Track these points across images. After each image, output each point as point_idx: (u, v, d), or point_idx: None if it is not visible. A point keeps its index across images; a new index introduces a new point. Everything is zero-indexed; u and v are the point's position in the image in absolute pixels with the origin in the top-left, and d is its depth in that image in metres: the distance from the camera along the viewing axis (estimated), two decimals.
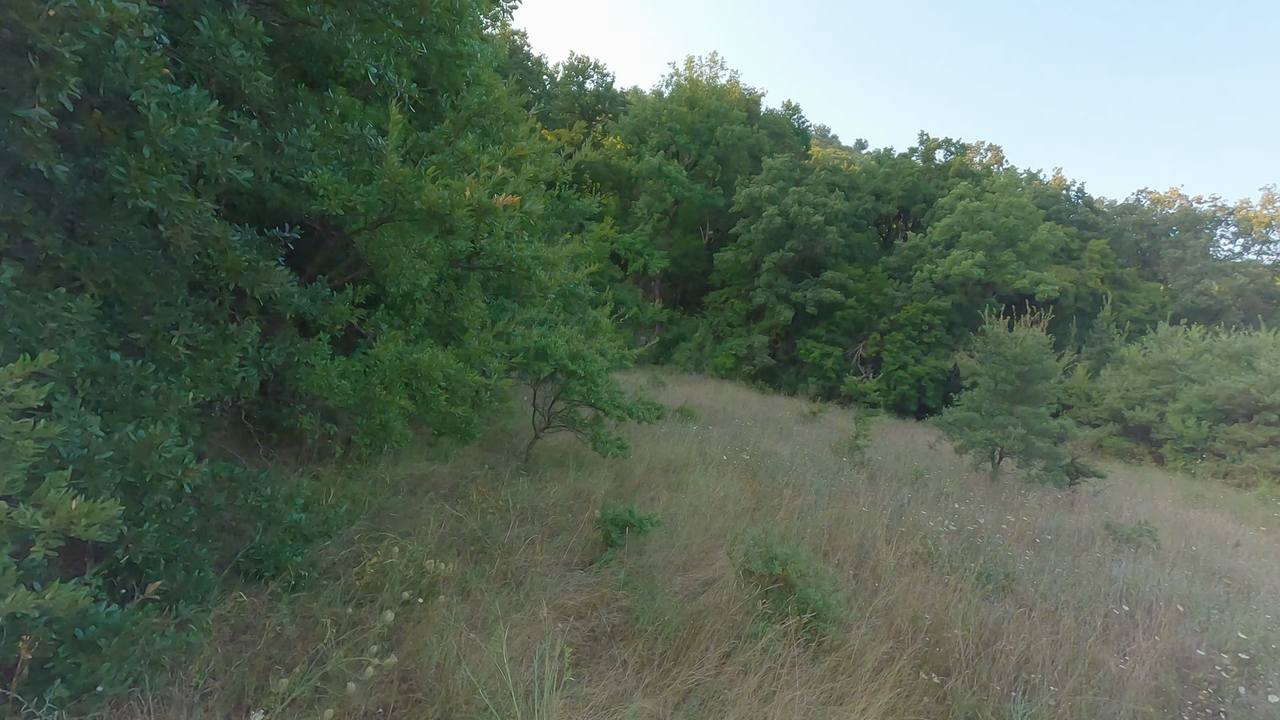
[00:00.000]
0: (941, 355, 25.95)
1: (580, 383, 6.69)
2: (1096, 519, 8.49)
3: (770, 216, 27.33)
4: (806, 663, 3.46)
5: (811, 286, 27.58)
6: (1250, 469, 16.84)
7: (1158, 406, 20.20)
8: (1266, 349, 19.25)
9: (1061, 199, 36.59)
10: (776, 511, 6.49)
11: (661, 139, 31.27)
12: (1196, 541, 8.44)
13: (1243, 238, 33.99)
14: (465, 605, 3.65)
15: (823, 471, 8.92)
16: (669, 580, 4.48)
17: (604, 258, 28.22)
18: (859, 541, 5.84)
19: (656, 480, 7.18)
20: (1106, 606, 5.14)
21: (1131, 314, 29.35)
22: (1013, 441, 10.60)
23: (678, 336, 30.69)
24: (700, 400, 16.88)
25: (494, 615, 3.46)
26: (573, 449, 7.93)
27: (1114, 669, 3.98)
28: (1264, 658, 4.61)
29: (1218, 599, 5.80)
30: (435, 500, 5.50)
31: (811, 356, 27.36)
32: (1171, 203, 36.62)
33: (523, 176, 3.29)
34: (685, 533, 5.37)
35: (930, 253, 28.12)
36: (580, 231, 10.68)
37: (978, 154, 37.63)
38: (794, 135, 38.76)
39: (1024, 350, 11.11)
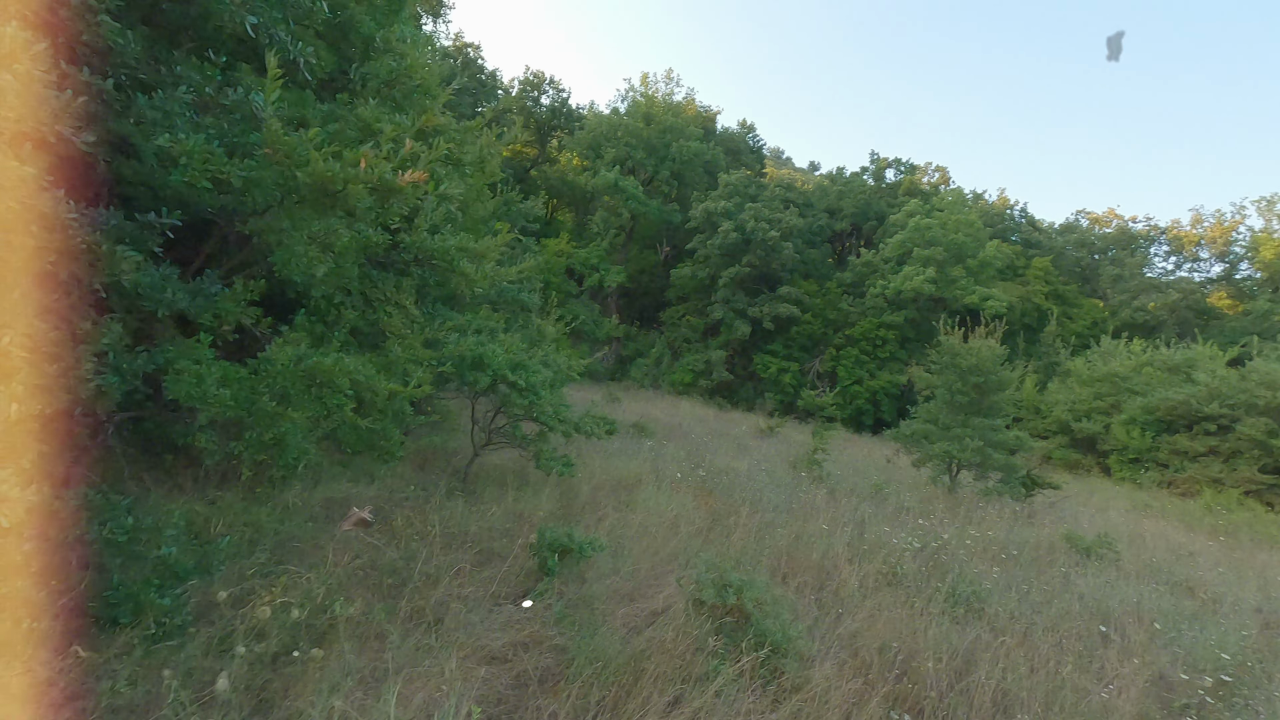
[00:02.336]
0: (896, 370, 26.16)
1: (522, 396, 6.19)
2: (1056, 531, 8.34)
3: (727, 232, 27.30)
4: (765, 708, 3.02)
5: (768, 302, 27.56)
6: (1192, 479, 17.22)
7: (1103, 418, 20.61)
8: (1203, 361, 19.86)
9: (1006, 218, 37.71)
10: (733, 531, 6.07)
11: (618, 154, 31.08)
12: (1154, 552, 8.35)
13: (1175, 256, 35.50)
14: (366, 653, 3.10)
15: (781, 487, 8.57)
16: (612, 612, 4.00)
17: (560, 273, 27.76)
18: (820, 562, 5.46)
19: (605, 500, 6.69)
20: (1078, 626, 4.85)
21: (1075, 329, 30.17)
22: (970, 454, 10.45)
23: (635, 352, 30.32)
24: (656, 416, 16.47)
25: (397, 665, 2.93)
26: (515, 467, 7.40)
27: (1097, 700, 3.64)
28: (1246, 679, 4.36)
29: (1187, 613, 5.60)
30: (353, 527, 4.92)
31: (769, 372, 27.28)
32: (1109, 222, 38.09)
33: (437, 152, 2.84)
34: (633, 557, 4.90)
35: (883, 269, 28.47)
36: (524, 235, 10.23)
37: (926, 174, 38.54)
38: (749, 153, 39.14)
39: (979, 361, 11.03)
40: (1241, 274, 33.41)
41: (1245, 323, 29.27)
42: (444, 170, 3.56)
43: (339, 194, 2.64)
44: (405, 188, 2.72)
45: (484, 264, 4.19)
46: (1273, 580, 7.56)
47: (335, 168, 2.56)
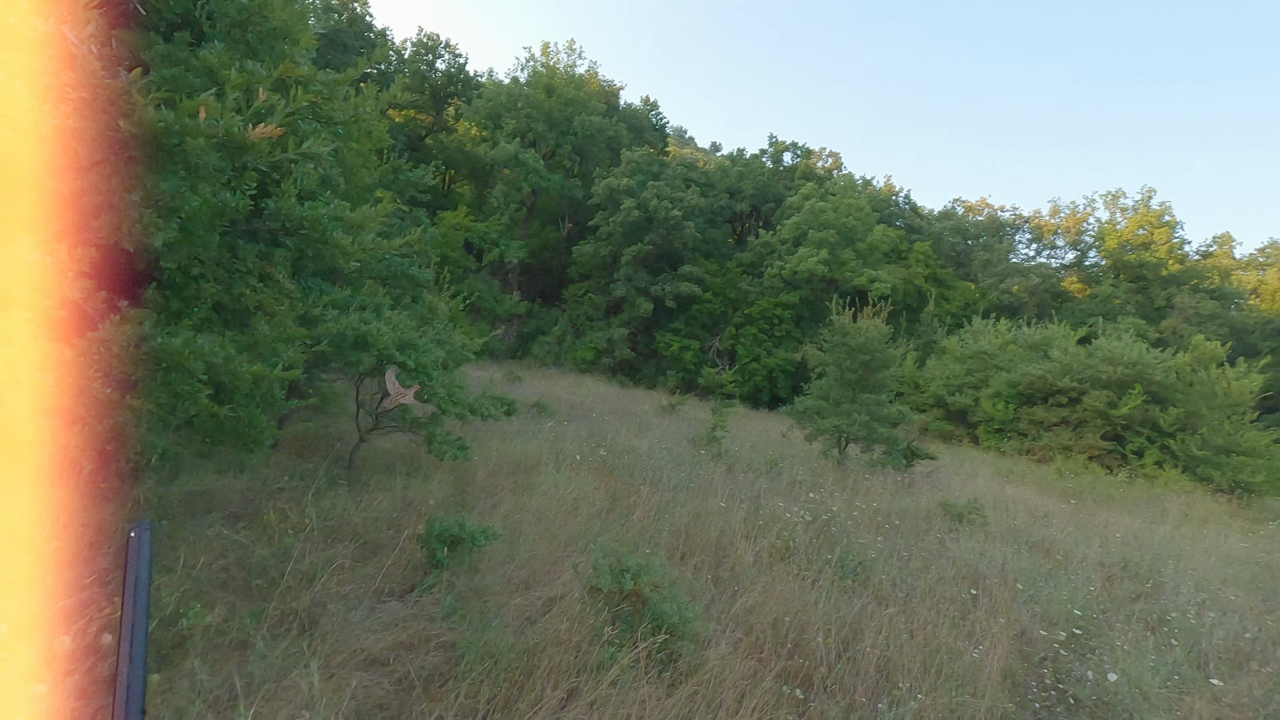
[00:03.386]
0: (791, 348, 27.18)
1: (412, 377, 5.84)
2: (933, 499, 8.90)
3: (629, 209, 27.20)
4: (662, 694, 2.98)
5: (670, 280, 27.81)
6: (1047, 446, 19.01)
7: (973, 392, 22.34)
8: (1058, 340, 21.87)
9: (892, 204, 39.87)
10: (632, 511, 6.03)
11: (518, 126, 30.15)
12: (1015, 516, 9.09)
13: (1036, 243, 38.84)
14: (224, 668, 2.78)
15: (681, 465, 8.64)
16: (506, 604, 3.84)
17: (458, 247, 26.72)
18: (717, 539, 5.52)
19: (502, 483, 6.48)
20: (952, 589, 5.17)
21: (950, 309, 32.45)
22: (858, 428, 10.98)
23: (537, 330, 29.82)
24: (558, 395, 16.25)
25: (260, 678, 2.65)
26: (406, 452, 7.03)
27: (969, 659, 3.87)
28: (1092, 630, 4.80)
29: (1043, 572, 6.11)
30: (217, 523, 4.46)
31: (670, 349, 27.61)
32: (981, 211, 41.08)
33: (296, 104, 2.50)
34: (529, 543, 4.74)
35: (780, 250, 29.36)
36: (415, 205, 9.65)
37: (820, 159, 40.00)
38: (652, 131, 39.10)
39: (867, 340, 11.57)
40: (1090, 261, 37.07)
41: (1092, 305, 32.55)
42: (310, 127, 3.19)
43: (175, 148, 2.28)
44: (259, 144, 2.38)
45: (363, 235, 3.83)
46: (1112, 537, 8.44)
47: (168, 117, 2.20)
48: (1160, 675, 4.07)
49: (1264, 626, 5.59)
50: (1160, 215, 34.51)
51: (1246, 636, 5.19)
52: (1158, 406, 18.05)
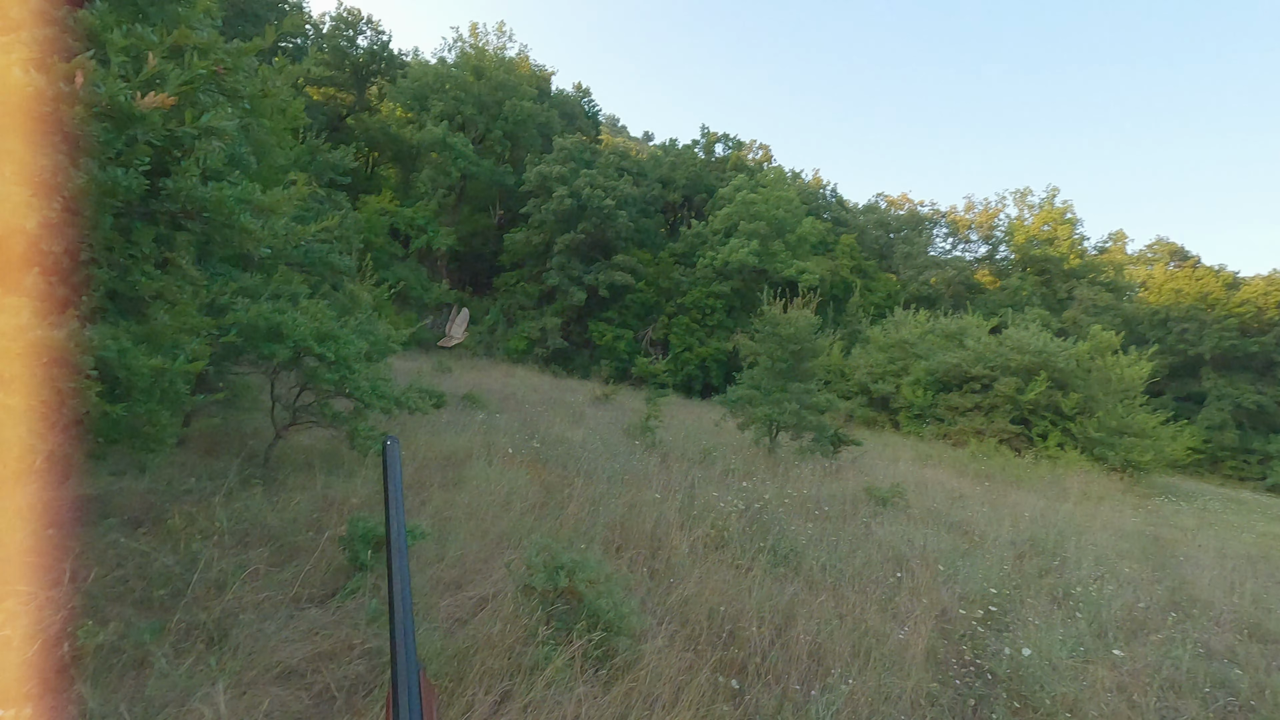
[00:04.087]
0: (723, 337, 27.55)
1: (332, 370, 5.54)
2: (858, 484, 9.20)
3: (561, 197, 26.85)
4: (598, 693, 2.93)
5: (603, 269, 27.66)
6: (962, 430, 20.03)
7: (895, 380, 23.29)
8: (972, 329, 23.04)
9: (819, 197, 40.91)
10: (567, 504, 5.94)
11: (446, 109, 29.21)
12: (934, 498, 9.51)
13: (952, 237, 40.72)
14: (118, 691, 2.55)
15: (615, 456, 8.60)
16: (435, 605, 3.70)
17: (383, 233, 25.71)
18: (652, 530, 5.51)
19: (431, 479, 6.26)
20: (879, 573, 5.34)
21: (874, 300, 33.65)
22: (788, 416, 11.23)
23: (467, 319, 29.11)
24: (490, 386, 15.92)
25: (160, 700, 2.43)
26: (327, 449, 6.70)
27: (895, 640, 4.00)
28: (1006, 606, 5.06)
29: (961, 552, 6.40)
30: (114, 530, 4.11)
31: (604, 339, 27.52)
32: (902, 205, 42.72)
33: (191, 73, 2.27)
34: (459, 541, 4.59)
35: (712, 240, 29.66)
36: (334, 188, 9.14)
37: (751, 151, 40.63)
38: (585, 118, 38.70)
39: (797, 330, 11.83)
40: (1000, 255, 39.18)
41: (1002, 296, 34.44)
42: (211, 100, 2.92)
43: (48, 117, 2.02)
44: (150, 115, 2.14)
45: (275, 219, 3.57)
46: (1022, 516, 8.95)
47: (38, 81, 1.95)
48: (1067, 647, 4.33)
49: (1155, 596, 6.04)
50: (1063, 213, 36.81)
51: (1140, 606, 5.60)
52: (1060, 392, 19.29)
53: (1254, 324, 33.61)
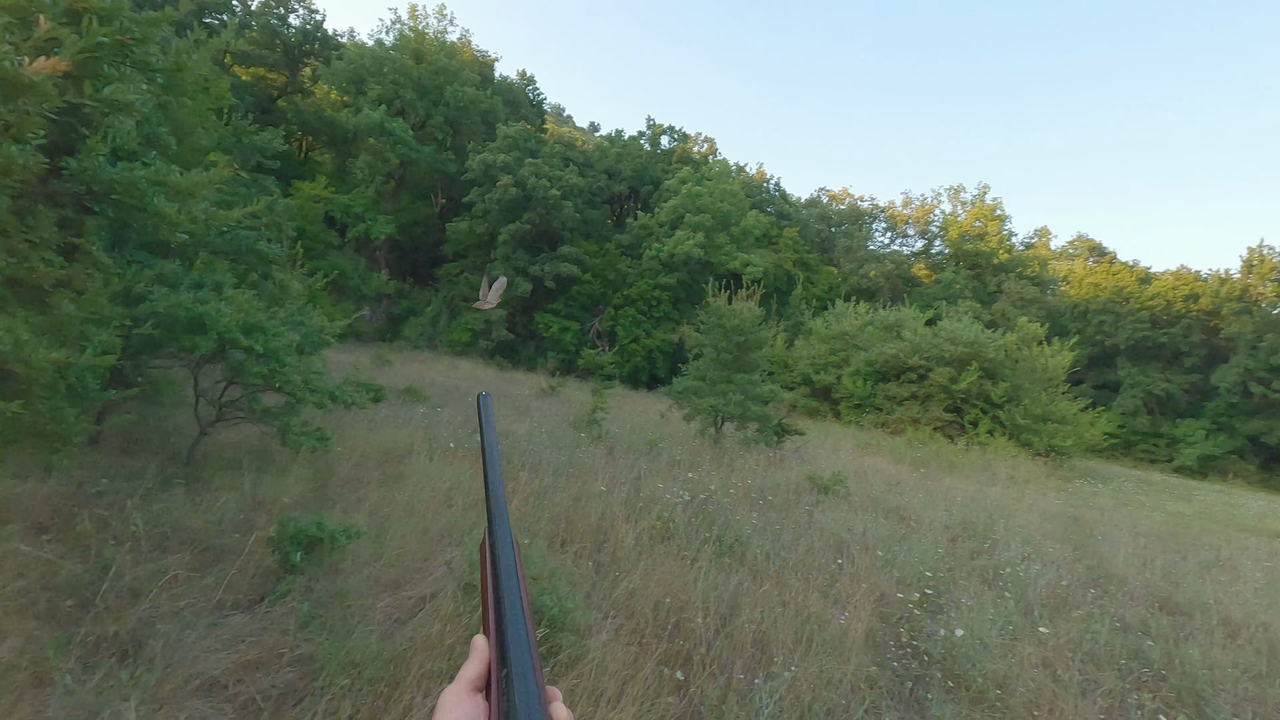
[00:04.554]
0: (669, 329, 27.70)
1: (260, 363, 5.27)
2: (801, 473, 9.37)
3: (506, 186, 26.41)
4: None
5: (549, 261, 27.38)
6: (899, 419, 20.71)
7: (836, 370, 23.89)
8: (909, 321, 23.82)
9: (763, 190, 41.51)
10: (511, 499, 5.84)
11: (384, 93, 28.27)
12: (873, 485, 9.80)
13: (890, 231, 41.97)
14: (19, 711, 2.35)
15: (561, 448, 8.52)
16: (371, 606, 3.56)
17: (318, 220, 24.77)
18: (598, 523, 5.46)
19: (368, 475, 6.05)
20: (820, 559, 5.44)
21: (816, 293, 34.42)
22: (733, 407, 11.35)
23: (408, 310, 28.39)
24: (432, 379, 15.54)
25: None
26: (256, 446, 6.39)
27: (836, 625, 4.08)
28: (941, 588, 5.24)
29: (899, 536, 6.60)
30: (15, 537, 3.80)
31: (550, 331, 27.28)
32: (843, 200, 43.75)
33: (90, 39, 2.08)
34: (398, 539, 4.45)
35: (658, 232, 29.73)
36: (261, 172, 8.68)
37: (697, 143, 40.84)
38: (529, 107, 38.11)
39: (741, 322, 11.95)
40: (935, 250, 40.63)
41: (937, 290, 35.72)
42: (116, 72, 2.69)
43: None
44: (41, 83, 1.94)
45: (193, 203, 3.34)
46: (955, 500, 9.30)
47: None
48: (997, 626, 4.50)
49: (1076, 574, 6.37)
50: (993, 209, 38.40)
51: (1063, 584, 5.89)
52: (990, 381, 20.14)
53: (1164, 316, 35.89)
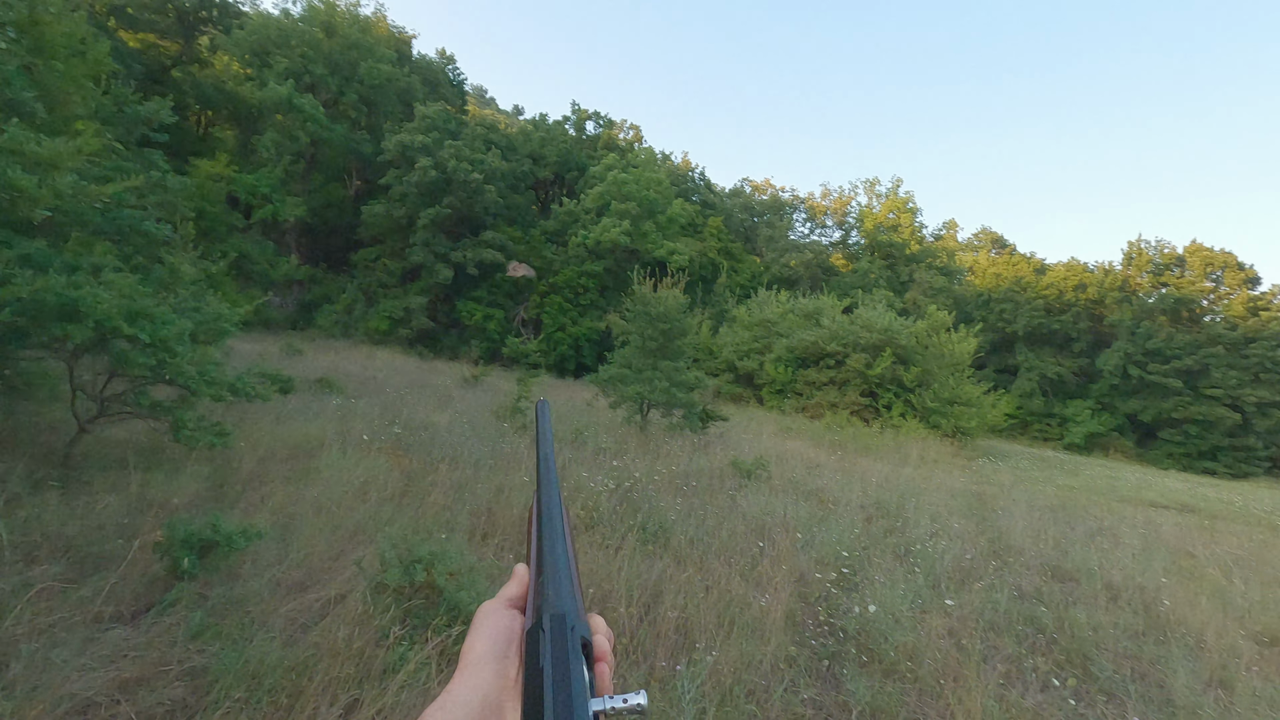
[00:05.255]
0: (596, 317, 27.58)
1: (147, 353, 4.85)
2: (725, 458, 9.52)
3: (425, 169, 25.49)
4: None
5: (471, 247, 26.68)
6: (818, 403, 21.42)
7: (759, 357, 24.45)
8: (827, 309, 24.62)
9: (688, 179, 41.79)
10: (430, 492, 5.65)
11: (292, 66, 26.66)
12: (794, 468, 10.06)
13: (810, 222, 43.19)
14: None
15: (484, 439, 8.32)
16: (274, 611, 3.34)
17: (218, 201, 23.14)
18: (521, 515, 5.35)
19: (274, 472, 5.70)
20: (742, 543, 5.53)
21: (739, 281, 35.06)
22: (658, 394, 11.41)
23: (322, 297, 27.07)
24: (347, 369, 14.88)
25: None
26: (145, 443, 5.91)
27: (757, 607, 4.15)
28: (856, 567, 5.42)
29: (817, 518, 6.80)
30: None
31: (474, 319, 26.64)
32: (766, 190, 44.66)
33: None
34: (305, 539, 4.20)
35: (584, 219, 29.47)
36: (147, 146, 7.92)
37: (622, 130, 40.63)
38: (449, 87, 36.87)
39: (667, 309, 12.00)
40: (852, 240, 42.12)
41: (853, 279, 37.08)
42: None
43: None
44: None
45: (55, 175, 2.99)
46: (870, 481, 9.69)
47: None
48: (907, 600, 4.70)
49: (979, 547, 6.75)
50: (905, 202, 40.12)
51: (967, 558, 6.22)
52: (902, 366, 21.11)
53: (1057, 304, 38.61)
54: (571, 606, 0.51)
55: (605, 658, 0.52)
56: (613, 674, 0.53)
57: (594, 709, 0.45)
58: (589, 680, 0.49)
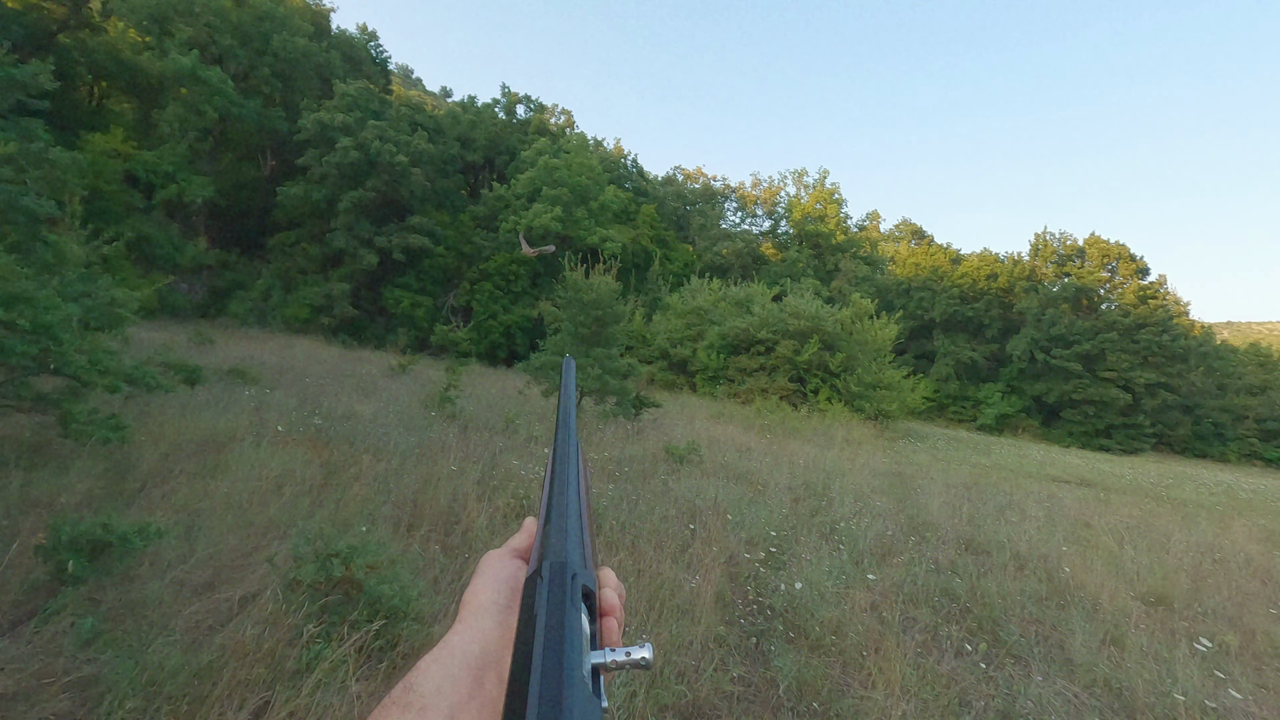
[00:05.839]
0: (528, 304, 27.19)
1: (27, 341, 4.44)
2: (658, 444, 9.58)
3: (347, 149, 24.40)
4: (378, 688, 2.66)
5: (397, 232, 25.76)
6: (749, 389, 21.86)
7: (692, 344, 24.71)
8: (758, 297, 25.11)
9: (621, 166, 41.63)
10: (351, 484, 5.42)
11: (197, 36, 24.93)
12: (725, 453, 10.23)
13: (741, 211, 43.86)
14: None
15: (411, 429, 8.07)
16: (178, 613, 3.13)
17: (115, 179, 21.47)
18: (449, 505, 5.22)
19: (179, 467, 5.34)
20: (675, 527, 5.58)
21: (672, 269, 35.28)
22: (591, 381, 11.36)
23: (234, 284, 25.57)
24: (263, 359, 14.12)
25: None
26: (33, 438, 5.42)
27: (688, 589, 4.19)
28: (784, 546, 5.56)
29: (747, 500, 6.93)
30: None
31: (400, 306, 25.78)
32: (698, 179, 45.02)
33: None
34: (213, 536, 3.96)
35: (515, 204, 28.93)
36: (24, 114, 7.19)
37: (554, 115, 40.05)
38: (372, 64, 35.35)
39: (599, 297, 11.94)
40: (781, 230, 43.05)
41: (782, 268, 37.94)
42: None
43: None
44: None
45: None
46: (797, 463, 9.96)
47: None
48: (832, 576, 4.86)
49: (899, 524, 7.04)
50: (831, 193, 41.27)
51: (888, 534, 6.48)
52: (829, 352, 21.78)
53: (970, 293, 40.71)
54: (576, 556, 0.48)
55: (614, 612, 0.50)
56: (622, 630, 0.50)
57: (594, 661, 0.42)
58: (591, 632, 0.46)
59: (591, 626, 0.46)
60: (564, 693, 0.36)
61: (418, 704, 0.44)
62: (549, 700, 0.35)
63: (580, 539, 0.51)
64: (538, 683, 0.37)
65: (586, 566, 0.48)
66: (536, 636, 0.41)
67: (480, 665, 0.47)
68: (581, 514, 0.56)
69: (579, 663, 0.39)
